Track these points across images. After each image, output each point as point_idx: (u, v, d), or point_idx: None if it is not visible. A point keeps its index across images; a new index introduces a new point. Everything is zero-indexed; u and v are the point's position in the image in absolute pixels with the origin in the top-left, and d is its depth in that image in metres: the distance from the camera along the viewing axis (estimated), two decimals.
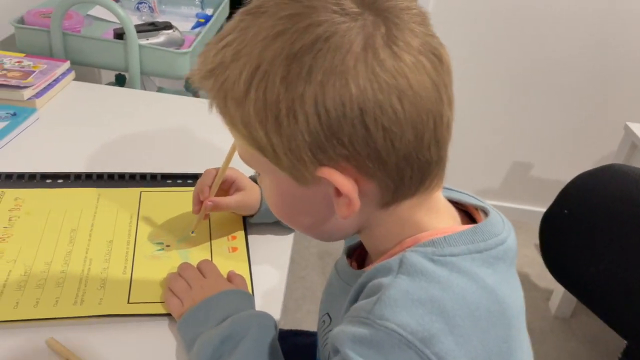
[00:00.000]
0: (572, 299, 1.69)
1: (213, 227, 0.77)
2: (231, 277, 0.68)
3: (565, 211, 0.91)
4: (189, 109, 1.09)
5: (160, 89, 1.69)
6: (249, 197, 0.75)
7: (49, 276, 0.66)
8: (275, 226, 0.79)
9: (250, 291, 0.68)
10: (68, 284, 0.65)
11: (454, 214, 0.51)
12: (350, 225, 0.50)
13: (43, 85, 1.04)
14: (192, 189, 0.83)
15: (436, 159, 0.45)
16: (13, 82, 1.00)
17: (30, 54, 1.13)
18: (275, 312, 0.67)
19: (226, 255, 0.73)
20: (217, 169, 0.73)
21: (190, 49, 1.18)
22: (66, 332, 0.61)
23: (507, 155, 1.99)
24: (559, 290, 1.72)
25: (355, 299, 0.47)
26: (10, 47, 1.22)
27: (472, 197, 0.55)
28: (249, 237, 0.77)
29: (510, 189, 2.02)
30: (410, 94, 0.41)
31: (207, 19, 1.43)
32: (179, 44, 1.23)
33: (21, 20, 1.18)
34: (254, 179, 0.77)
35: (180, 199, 0.81)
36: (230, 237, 0.76)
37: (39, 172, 0.83)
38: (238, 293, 0.63)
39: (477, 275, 0.44)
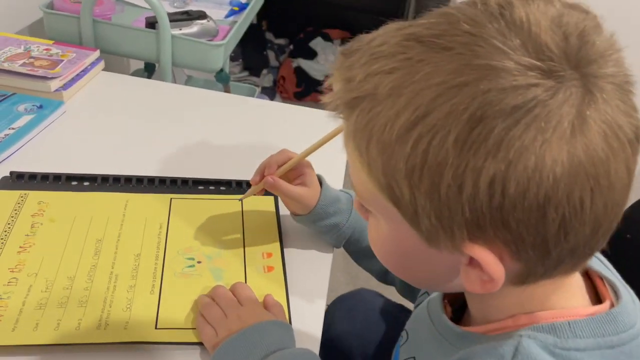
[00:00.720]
0: None
1: (247, 241, 0.72)
2: (268, 305, 0.62)
3: (628, 235, 0.84)
4: (222, 106, 1.03)
5: (189, 78, 1.63)
6: (309, 196, 0.69)
7: (72, 294, 0.61)
8: (313, 241, 0.74)
9: (287, 317, 0.62)
10: (92, 304, 0.60)
11: (582, 288, 0.44)
12: (466, 289, 0.42)
13: (71, 76, 0.98)
14: (224, 196, 0.78)
15: (599, 248, 0.38)
16: (40, 72, 0.95)
17: (59, 41, 1.07)
18: (314, 345, 0.61)
19: (261, 276, 0.67)
20: (294, 153, 0.68)
21: (224, 41, 1.11)
22: (89, 358, 0.56)
23: None
24: None
25: None
26: (39, 33, 1.17)
27: (602, 262, 0.46)
28: (284, 251, 0.71)
29: None
30: (604, 186, 0.34)
31: (242, 7, 1.36)
32: (212, 34, 1.16)
33: (50, 5, 1.12)
34: (319, 178, 0.71)
35: (212, 208, 0.76)
36: (265, 254, 0.70)
37: (65, 174, 0.78)
38: (277, 325, 0.58)
39: None
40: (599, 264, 0.45)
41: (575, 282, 0.43)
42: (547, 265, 0.37)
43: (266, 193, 0.71)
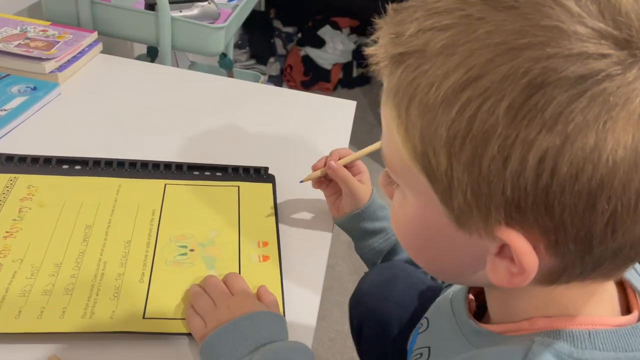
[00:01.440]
0: None
1: (242, 229, 0.69)
2: (261, 295, 0.59)
3: None
4: (224, 91, 1.00)
5: (192, 64, 1.60)
6: (363, 192, 0.69)
7: (58, 281, 0.59)
8: (311, 230, 0.71)
9: (281, 309, 0.60)
10: (78, 291, 0.58)
11: (614, 298, 0.40)
12: (490, 283, 0.38)
13: (67, 58, 0.96)
14: (220, 183, 0.75)
15: None
16: (35, 53, 0.93)
17: (57, 22, 1.05)
18: (307, 338, 0.59)
19: (256, 265, 0.65)
20: (353, 152, 0.70)
21: (225, 24, 1.08)
22: (71, 348, 0.54)
23: None
24: None
25: None
26: (37, 15, 1.14)
27: (634, 269, 0.42)
28: (280, 242, 0.69)
29: None
30: None
31: None
32: (214, 17, 1.13)
33: None
34: None
35: (207, 195, 0.73)
36: (261, 243, 0.68)
37: (55, 156, 0.75)
38: (269, 316, 0.55)
39: None
40: (637, 276, 0.42)
41: (608, 291, 0.39)
42: (585, 264, 0.33)
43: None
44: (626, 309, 0.40)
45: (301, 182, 0.71)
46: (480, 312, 0.47)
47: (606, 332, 0.36)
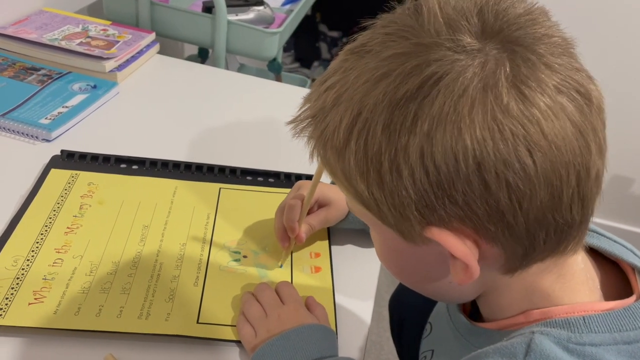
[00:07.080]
0: None
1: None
2: (311, 306, 0.59)
3: None
4: (275, 95, 1.01)
5: (241, 66, 1.62)
6: (334, 210, 0.67)
7: (116, 279, 0.60)
8: (362, 242, 0.70)
9: (332, 320, 0.59)
10: (135, 291, 0.59)
11: (593, 281, 0.42)
12: (470, 290, 0.44)
13: (126, 57, 0.98)
14: (273, 189, 0.76)
15: (580, 220, 0.37)
16: (96, 52, 0.95)
17: (116, 22, 1.07)
18: (359, 350, 0.58)
19: (308, 276, 0.65)
20: (300, 200, 0.63)
21: (280, 29, 1.09)
22: (126, 348, 0.55)
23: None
24: None
25: None
26: (97, 13, 1.17)
27: (630, 250, 0.45)
28: (332, 251, 0.68)
29: (607, 205, 1.84)
30: (543, 145, 0.33)
31: None
32: (268, 22, 1.14)
33: None
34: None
35: (261, 201, 0.73)
36: (313, 254, 0.67)
37: (114, 155, 0.77)
38: (320, 329, 0.55)
39: None
40: (631, 254, 0.44)
41: (584, 275, 0.41)
42: (521, 243, 0.36)
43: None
44: (625, 293, 0.41)
45: (281, 266, 0.65)
46: (475, 314, 0.49)
47: (599, 316, 0.38)
